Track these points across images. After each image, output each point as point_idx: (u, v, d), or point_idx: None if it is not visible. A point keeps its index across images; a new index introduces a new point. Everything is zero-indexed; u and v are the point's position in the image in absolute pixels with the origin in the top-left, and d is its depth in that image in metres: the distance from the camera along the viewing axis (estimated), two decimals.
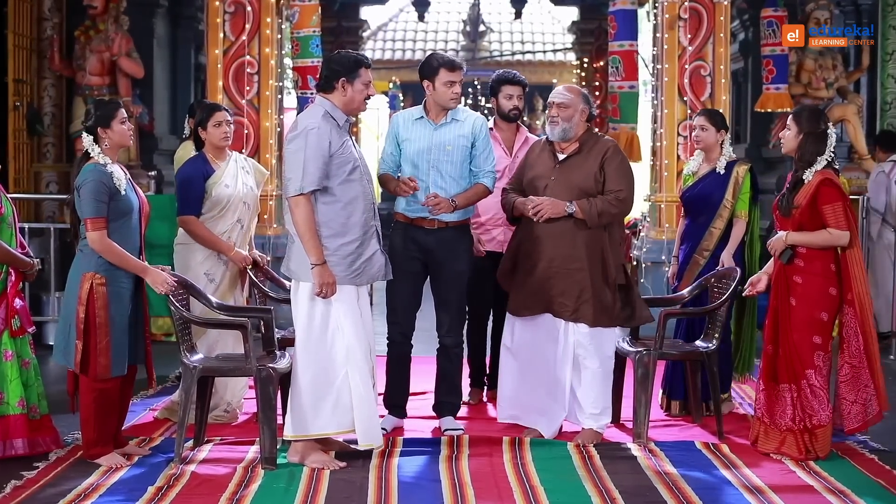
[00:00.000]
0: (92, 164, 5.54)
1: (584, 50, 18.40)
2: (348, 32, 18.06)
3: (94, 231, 5.47)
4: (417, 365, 6.64)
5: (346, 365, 5.56)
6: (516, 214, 6.28)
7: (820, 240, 5.74)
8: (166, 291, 5.62)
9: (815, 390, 5.76)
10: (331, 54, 5.85)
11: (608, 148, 6.21)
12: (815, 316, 5.77)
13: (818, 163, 5.78)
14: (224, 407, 6.55)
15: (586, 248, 6.09)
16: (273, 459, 5.59)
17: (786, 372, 5.81)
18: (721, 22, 9.93)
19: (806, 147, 5.80)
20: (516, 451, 5.92)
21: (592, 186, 6.12)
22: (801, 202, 5.75)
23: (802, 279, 5.79)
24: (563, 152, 6.25)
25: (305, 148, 5.47)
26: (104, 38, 11.22)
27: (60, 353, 5.63)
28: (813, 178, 5.75)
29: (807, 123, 5.82)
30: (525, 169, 6.40)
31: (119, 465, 5.56)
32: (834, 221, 5.70)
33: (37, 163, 11.36)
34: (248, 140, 9.93)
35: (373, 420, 5.65)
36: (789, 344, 5.80)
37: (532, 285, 6.17)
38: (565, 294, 6.09)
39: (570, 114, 6.17)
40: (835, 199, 5.71)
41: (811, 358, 5.76)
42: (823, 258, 5.78)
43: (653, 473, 5.53)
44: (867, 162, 11.04)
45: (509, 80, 7.05)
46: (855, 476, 5.53)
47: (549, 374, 6.23)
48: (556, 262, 6.10)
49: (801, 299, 5.78)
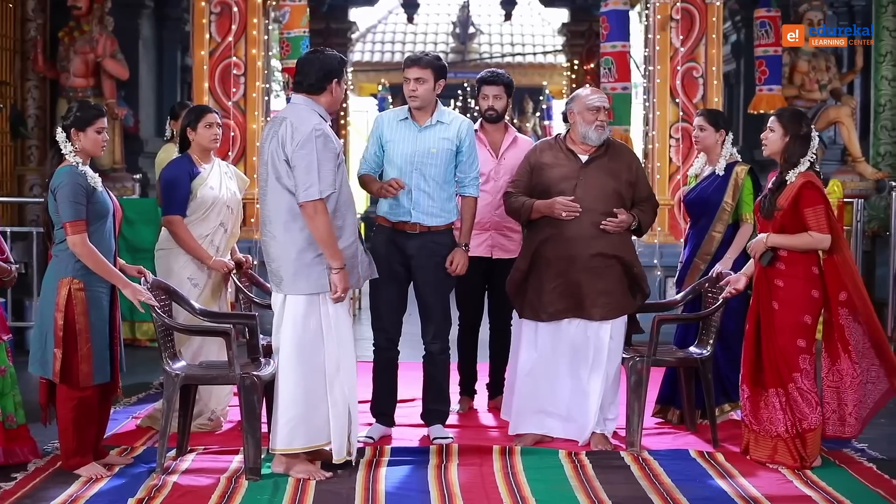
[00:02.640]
0: (66, 167, 5.39)
1: (575, 52, 18.36)
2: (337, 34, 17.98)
3: (74, 234, 5.32)
4: (405, 371, 6.52)
5: (336, 375, 5.45)
6: (535, 217, 6.17)
7: (801, 242, 5.68)
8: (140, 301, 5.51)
9: (803, 393, 5.69)
10: (313, 56, 5.63)
11: (634, 155, 6.38)
12: (799, 319, 5.70)
13: (801, 164, 5.72)
14: (208, 415, 6.43)
15: (620, 245, 6.13)
16: (257, 470, 5.47)
17: (772, 377, 5.74)
18: (713, 23, 9.89)
19: (792, 149, 5.73)
20: (507, 460, 5.80)
21: (623, 188, 6.14)
22: (783, 204, 5.69)
23: (784, 283, 5.72)
24: (585, 153, 6.19)
25: (316, 151, 5.32)
26: (88, 40, 11.12)
27: (37, 364, 5.48)
28: (795, 180, 5.70)
29: (791, 125, 5.76)
30: (537, 170, 6.27)
31: (99, 476, 5.43)
32: (815, 224, 5.65)
33: (20, 165, 11.25)
34: (235, 142, 9.84)
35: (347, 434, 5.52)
36: (774, 348, 5.73)
37: (564, 286, 6.09)
38: (607, 294, 6.07)
39: (608, 117, 6.27)
40: (816, 202, 5.66)
41: (797, 361, 5.70)
42: (805, 261, 5.72)
43: (646, 483, 5.42)
44: (861, 164, 10.96)
45: (485, 80, 6.93)
46: (853, 485, 5.44)
47: (576, 378, 6.13)
48: (595, 260, 6.07)
49: (783, 303, 5.72)
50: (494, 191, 6.75)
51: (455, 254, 6.20)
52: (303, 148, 5.32)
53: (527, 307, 6.23)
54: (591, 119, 6.14)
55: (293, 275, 5.44)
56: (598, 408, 6.10)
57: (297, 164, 5.33)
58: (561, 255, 6.10)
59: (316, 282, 5.42)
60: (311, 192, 5.31)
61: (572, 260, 6.07)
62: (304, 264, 5.41)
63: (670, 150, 9.87)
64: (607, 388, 6.13)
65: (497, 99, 6.87)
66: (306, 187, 5.32)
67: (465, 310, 6.98)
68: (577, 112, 6.19)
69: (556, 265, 6.11)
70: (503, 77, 6.94)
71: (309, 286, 5.42)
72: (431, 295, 6.24)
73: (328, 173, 5.34)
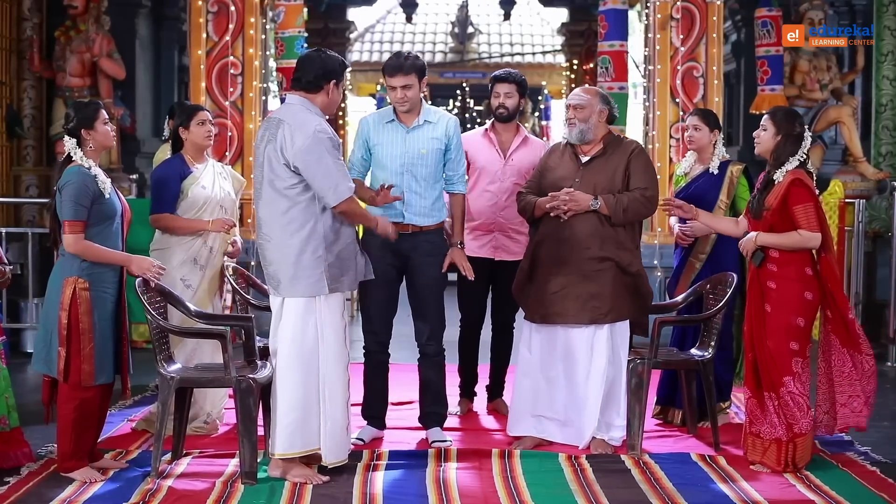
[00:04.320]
0: (76, 167, 5.38)
1: (574, 52, 18.29)
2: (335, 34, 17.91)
3: (70, 234, 5.30)
4: (402, 373, 6.46)
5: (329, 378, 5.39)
6: (538, 214, 6.12)
7: (790, 241, 5.61)
8: (155, 275, 5.49)
9: (794, 397, 5.61)
10: (314, 54, 5.57)
11: (634, 148, 6.16)
12: (792, 322, 5.62)
13: (790, 163, 5.65)
14: (204, 418, 6.37)
15: (616, 249, 5.99)
16: (253, 474, 5.40)
17: (766, 381, 5.68)
18: (714, 22, 9.84)
19: (782, 148, 5.68)
20: (506, 464, 5.74)
21: (619, 187, 6.04)
22: (771, 203, 5.62)
23: (777, 284, 5.65)
24: (585, 154, 6.13)
25: (328, 153, 5.25)
26: (85, 39, 11.02)
27: (41, 362, 5.46)
28: (784, 178, 5.63)
29: (784, 124, 5.70)
30: (544, 172, 6.24)
31: (94, 480, 5.37)
32: (805, 222, 5.58)
33: (16, 166, 11.16)
34: (232, 143, 9.80)
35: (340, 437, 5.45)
36: (764, 351, 5.66)
37: (557, 289, 6.01)
38: (596, 297, 5.96)
39: (586, 115, 6.09)
40: (805, 199, 5.59)
41: (789, 365, 5.62)
42: (798, 262, 5.64)
43: (647, 487, 5.36)
44: (862, 165, 10.90)
45: (498, 77, 6.87)
46: (856, 489, 5.38)
47: (572, 382, 6.06)
48: (585, 264, 5.97)
49: (776, 305, 5.65)
50: (500, 192, 6.70)
51: (453, 255, 6.14)
52: (311, 153, 5.24)
53: (527, 308, 6.18)
54: (567, 118, 6.14)
55: (291, 278, 5.37)
56: (596, 412, 6.02)
57: (310, 170, 5.25)
58: (554, 256, 6.04)
59: (314, 284, 5.36)
60: (342, 192, 5.27)
61: (565, 261, 6.01)
62: (302, 267, 5.34)
63: (670, 151, 9.82)
64: (611, 393, 6.04)
65: (508, 97, 6.78)
66: (334, 189, 5.27)
67: (467, 311, 6.92)
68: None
69: (550, 267, 6.06)
70: (516, 76, 6.87)
71: (307, 289, 5.35)
72: (426, 295, 6.18)
73: (345, 171, 5.35)
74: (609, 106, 6.17)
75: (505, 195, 6.65)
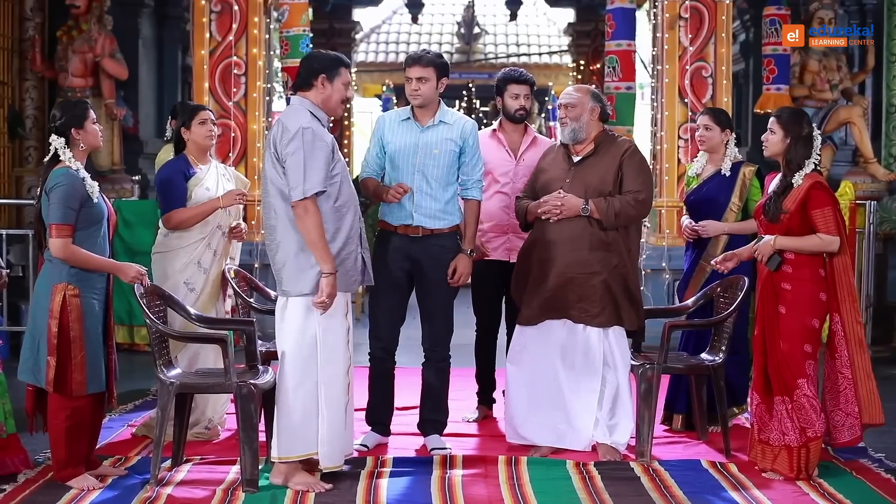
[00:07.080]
0: (64, 168, 5.25)
1: (581, 52, 18.21)
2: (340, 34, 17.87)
3: (58, 238, 5.17)
4: (407, 377, 6.35)
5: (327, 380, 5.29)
6: (530, 219, 6.04)
7: (810, 245, 5.54)
8: (139, 280, 5.38)
9: (810, 400, 5.52)
10: (310, 53, 5.64)
11: (627, 148, 6.03)
12: (807, 323, 5.55)
13: (806, 166, 5.57)
14: (205, 424, 6.27)
15: (604, 252, 5.88)
16: (255, 481, 5.30)
17: (778, 384, 5.58)
18: (723, 21, 9.73)
19: (795, 151, 5.59)
20: (513, 471, 5.63)
21: (610, 188, 5.92)
22: (789, 207, 5.55)
23: (792, 286, 5.57)
24: (577, 154, 6.03)
25: (303, 149, 5.18)
26: (87, 39, 10.94)
27: (28, 372, 5.32)
28: (802, 182, 5.55)
29: (791, 127, 5.61)
30: (538, 173, 6.17)
31: (91, 488, 5.27)
32: (824, 226, 5.52)
33: (18, 167, 11.09)
34: (235, 143, 9.69)
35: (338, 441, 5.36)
36: (778, 354, 5.57)
37: (546, 292, 5.91)
38: (584, 300, 5.86)
39: (578, 113, 5.97)
40: (825, 203, 5.53)
41: (803, 367, 5.53)
42: (812, 263, 5.58)
43: (657, 495, 5.25)
44: (872, 165, 10.78)
45: (515, 78, 6.73)
46: (870, 497, 5.28)
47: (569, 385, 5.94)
48: (571, 267, 5.87)
49: (791, 306, 5.56)
50: (513, 193, 6.58)
51: (458, 261, 6.02)
52: (290, 146, 5.21)
53: (521, 312, 6.10)
54: (559, 118, 6.06)
55: (291, 276, 5.30)
56: (593, 415, 5.92)
57: (286, 163, 5.22)
58: (544, 258, 5.95)
59: (311, 282, 5.27)
60: (298, 192, 5.17)
61: (551, 263, 5.91)
62: (300, 265, 5.27)
63: (679, 151, 9.71)
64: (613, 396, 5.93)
65: (527, 98, 6.70)
66: (295, 187, 5.19)
67: (482, 314, 6.81)
68: None
69: (537, 269, 5.97)
70: (530, 77, 6.80)
71: (307, 286, 5.26)
72: (434, 300, 6.07)
73: (317, 171, 5.19)
74: (601, 104, 6.05)
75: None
